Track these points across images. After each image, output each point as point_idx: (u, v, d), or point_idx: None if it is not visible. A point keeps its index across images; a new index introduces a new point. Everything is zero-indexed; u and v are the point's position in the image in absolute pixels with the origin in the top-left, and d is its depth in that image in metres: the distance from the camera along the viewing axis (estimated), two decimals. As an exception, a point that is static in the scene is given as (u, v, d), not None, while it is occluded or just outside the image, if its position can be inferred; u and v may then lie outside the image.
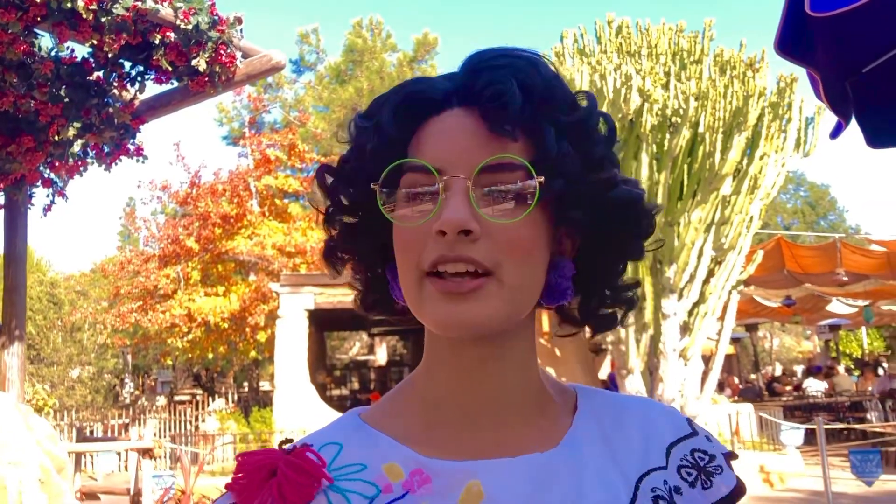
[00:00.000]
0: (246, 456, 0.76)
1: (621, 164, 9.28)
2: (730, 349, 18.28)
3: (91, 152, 5.29)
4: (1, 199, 5.88)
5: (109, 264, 21.04)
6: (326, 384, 21.56)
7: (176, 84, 5.16)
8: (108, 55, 4.69)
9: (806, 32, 1.62)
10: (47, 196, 5.65)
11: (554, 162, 0.74)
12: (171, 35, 4.64)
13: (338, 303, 14.33)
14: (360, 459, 0.77)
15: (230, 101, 25.39)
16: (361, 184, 0.78)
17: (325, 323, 18.39)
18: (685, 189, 9.96)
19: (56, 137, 4.95)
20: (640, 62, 10.11)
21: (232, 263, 19.28)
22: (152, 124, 5.58)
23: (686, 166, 9.94)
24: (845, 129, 2.06)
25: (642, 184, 9.78)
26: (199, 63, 4.71)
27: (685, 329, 10.28)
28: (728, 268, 10.28)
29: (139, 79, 5.04)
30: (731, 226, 10.08)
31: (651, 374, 10.18)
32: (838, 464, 10.38)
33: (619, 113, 9.43)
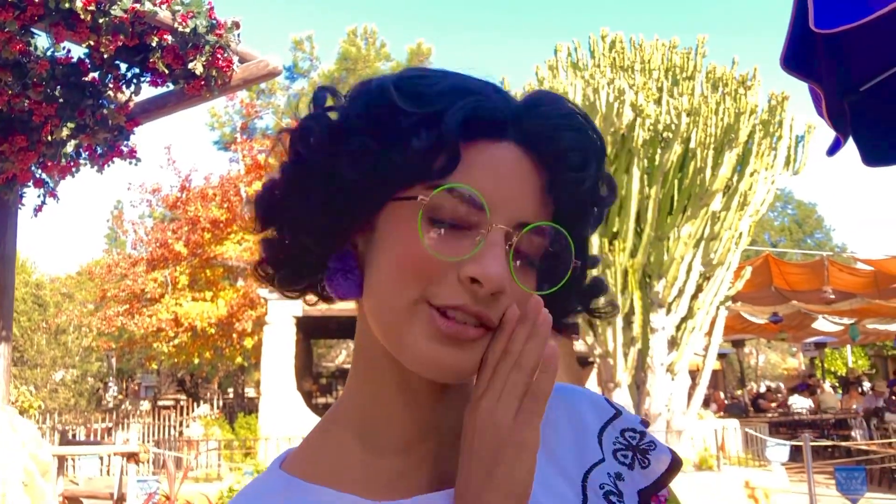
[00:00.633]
0: None
1: (613, 177, 9.44)
2: (716, 365, 18.32)
3: (84, 153, 5.27)
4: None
5: (96, 267, 20.91)
6: (312, 392, 21.48)
7: (172, 87, 5.14)
8: (104, 56, 4.68)
9: (810, 49, 1.63)
10: (38, 196, 5.61)
11: (580, 245, 0.72)
12: (169, 38, 4.64)
13: (326, 310, 14.28)
14: None
15: (222, 106, 25.37)
16: (379, 170, 0.67)
17: (312, 330, 18.35)
18: (675, 204, 10.02)
19: (49, 137, 4.93)
20: (633, 77, 10.17)
21: (220, 269, 19.20)
22: (144, 127, 5.56)
23: (677, 181, 10.01)
24: (843, 147, 2.08)
25: (633, 198, 9.84)
26: (196, 66, 4.70)
27: (673, 343, 10.32)
28: (716, 283, 10.34)
29: (135, 81, 5.03)
30: (721, 241, 10.14)
31: (638, 387, 10.20)
32: (823, 481, 10.42)
33: (611, 127, 9.48)
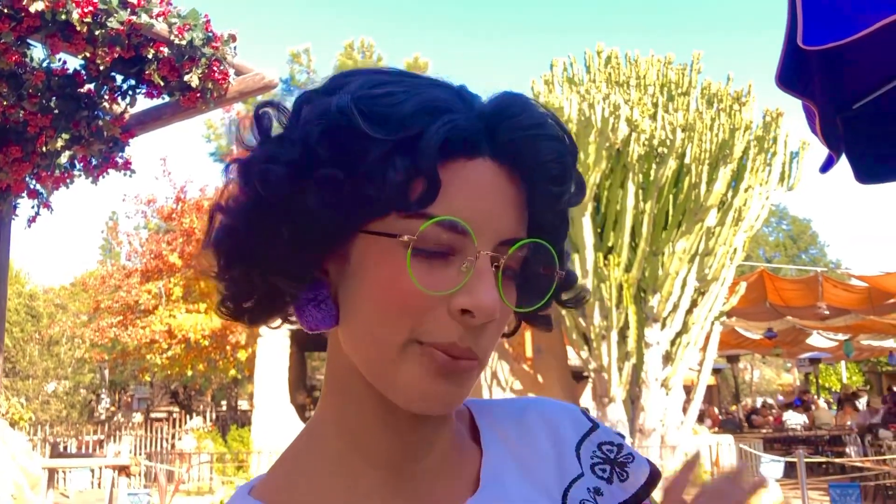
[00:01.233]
0: None
1: (608, 192, 9.26)
2: (711, 380, 18.32)
3: (79, 164, 5.26)
4: (-15, 208, 5.82)
5: (90, 278, 20.84)
6: (306, 405, 21.38)
7: (167, 99, 5.14)
8: (100, 68, 4.68)
9: (805, 67, 1.64)
10: (32, 207, 5.59)
11: (560, 251, 0.70)
12: (165, 50, 4.64)
13: (320, 323, 14.26)
14: None
15: (218, 118, 25.39)
16: (351, 201, 0.63)
17: (306, 343, 18.29)
18: (670, 219, 10.04)
19: (44, 148, 4.92)
20: (629, 92, 10.22)
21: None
22: (139, 139, 5.56)
23: (672, 197, 10.04)
24: (836, 164, 2.09)
25: (628, 213, 9.86)
26: (192, 79, 4.70)
27: (667, 358, 10.31)
28: (711, 298, 10.35)
29: (130, 92, 5.02)
30: (715, 257, 10.16)
31: (633, 402, 10.18)
32: (817, 497, 10.39)
33: (606, 142, 9.51)
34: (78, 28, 4.29)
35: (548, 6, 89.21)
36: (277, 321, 0.74)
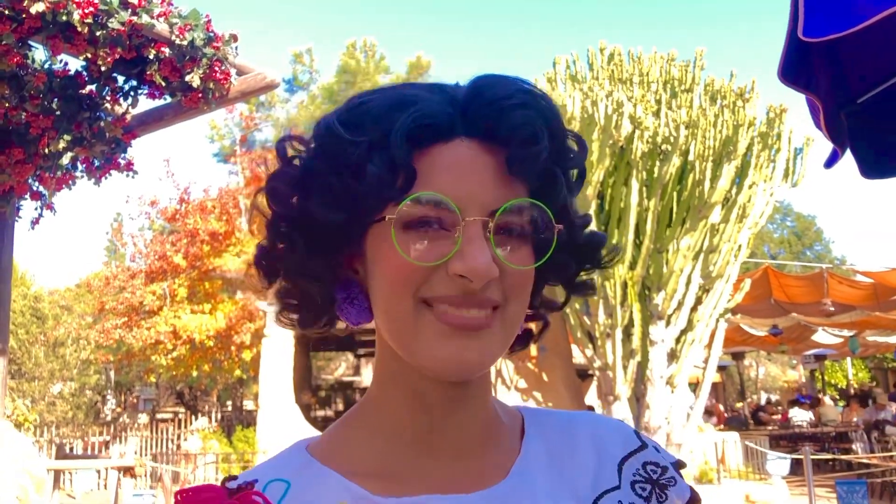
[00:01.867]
0: (186, 494, 0.73)
1: (612, 189, 9.25)
2: (716, 377, 18.28)
3: (81, 166, 5.25)
4: (-12, 210, 5.82)
5: (95, 279, 20.88)
6: (311, 405, 21.40)
7: (169, 99, 5.14)
8: (101, 69, 4.67)
9: (807, 61, 1.62)
10: (35, 209, 5.59)
11: (560, 209, 0.75)
12: (166, 50, 4.63)
13: (325, 323, 14.27)
14: (307, 500, 0.74)
15: (222, 118, 25.39)
16: (346, 202, 0.71)
17: (310, 343, 18.30)
18: (674, 216, 10.02)
19: (46, 150, 4.92)
20: (632, 90, 10.19)
21: (219, 281, 19.16)
22: (143, 139, 5.56)
23: (676, 194, 10.01)
24: (841, 159, 2.07)
25: (632, 210, 9.84)
26: (193, 79, 4.69)
27: (672, 356, 10.29)
28: (716, 296, 10.32)
29: (132, 93, 5.02)
30: (720, 254, 10.13)
31: (638, 400, 10.16)
32: (824, 494, 10.35)
33: (610, 139, 9.48)
34: (79, 29, 4.29)
35: (550, 4, 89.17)
36: (333, 325, 0.84)
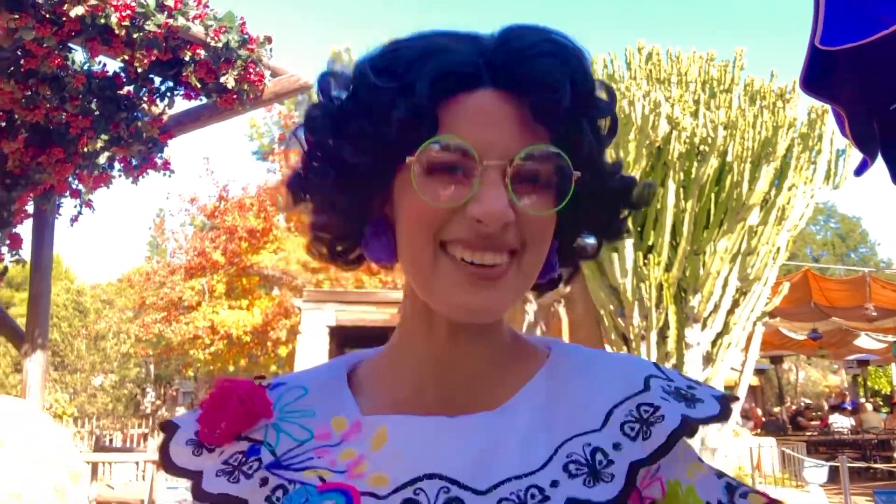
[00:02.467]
0: (221, 381, 0.85)
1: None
2: (754, 380, 18.02)
3: (118, 165, 5.36)
4: (30, 208, 5.97)
5: (136, 275, 21.26)
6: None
7: (204, 100, 5.22)
8: (138, 70, 4.77)
9: (831, 70, 1.59)
10: (75, 206, 5.72)
11: (585, 157, 0.76)
12: (202, 52, 4.71)
13: (358, 320, 14.35)
14: (313, 406, 0.84)
15: (261, 117, 25.69)
16: (374, 146, 0.74)
17: (345, 339, 18.42)
18: (712, 218, 9.87)
19: (85, 149, 5.03)
20: (670, 90, 10.07)
21: (256, 277, 19.40)
22: (182, 138, 5.65)
23: (713, 195, 9.87)
24: (871, 167, 2.03)
25: (668, 211, 9.73)
26: (228, 80, 4.76)
27: (708, 359, 10.15)
28: (753, 299, 10.16)
29: (168, 94, 5.12)
30: (758, 256, 9.96)
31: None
32: (863, 503, 10.14)
33: (646, 140, 9.39)
34: (116, 31, 4.38)
35: (588, 3, 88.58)
36: (361, 263, 0.88)
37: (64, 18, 4.37)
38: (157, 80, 5.05)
